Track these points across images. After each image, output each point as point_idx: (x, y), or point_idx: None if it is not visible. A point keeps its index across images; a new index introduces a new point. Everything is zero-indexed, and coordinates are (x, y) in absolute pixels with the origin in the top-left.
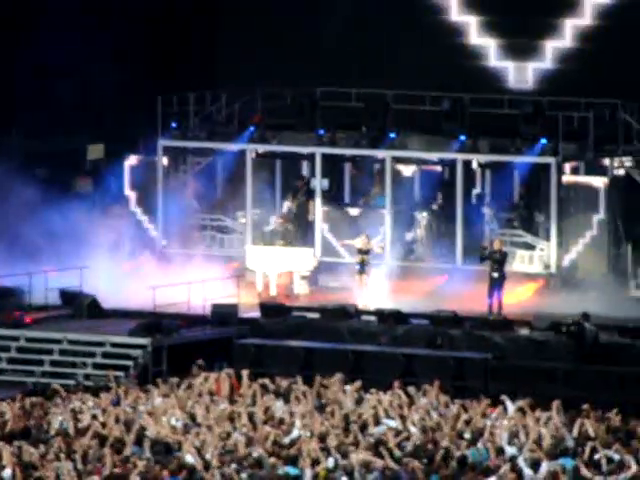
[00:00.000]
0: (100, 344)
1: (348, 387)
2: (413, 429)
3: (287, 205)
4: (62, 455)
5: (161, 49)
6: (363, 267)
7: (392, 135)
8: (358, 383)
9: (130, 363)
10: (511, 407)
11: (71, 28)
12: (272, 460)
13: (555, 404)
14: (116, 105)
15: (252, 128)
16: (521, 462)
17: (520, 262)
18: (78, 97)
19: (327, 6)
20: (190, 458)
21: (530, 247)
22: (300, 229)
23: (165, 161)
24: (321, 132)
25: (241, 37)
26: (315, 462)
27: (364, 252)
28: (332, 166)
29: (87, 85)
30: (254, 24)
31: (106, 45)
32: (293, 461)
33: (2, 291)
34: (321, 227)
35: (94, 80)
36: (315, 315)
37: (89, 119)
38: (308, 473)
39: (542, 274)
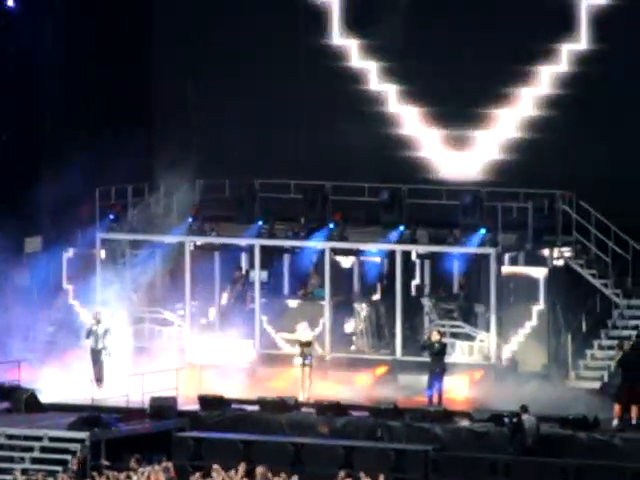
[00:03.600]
0: (38, 438)
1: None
2: None
3: (226, 296)
4: None
5: (99, 142)
6: (304, 359)
7: (331, 226)
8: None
9: (69, 457)
10: None
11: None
12: None
13: None
14: (53, 197)
15: (190, 219)
16: None
17: (460, 353)
18: (15, 190)
19: (265, 97)
20: None
21: (470, 338)
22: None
23: (103, 253)
24: (260, 224)
25: (178, 129)
26: None
27: (305, 344)
28: (271, 257)
29: (24, 179)
30: (192, 117)
31: (45, 139)
32: None
33: None
34: (260, 319)
35: (31, 173)
36: (254, 407)
37: (26, 212)
38: None
39: (482, 365)
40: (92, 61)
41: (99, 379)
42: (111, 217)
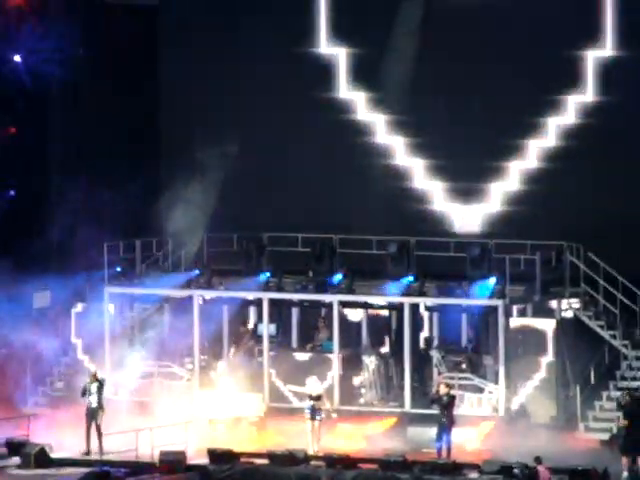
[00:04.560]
0: None
1: None
2: None
3: (234, 350)
4: None
5: (106, 197)
6: (314, 412)
7: (339, 279)
8: None
9: None
10: None
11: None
12: None
13: None
14: (62, 252)
15: (198, 273)
16: None
17: (469, 405)
18: (23, 244)
19: (271, 150)
20: None
21: (479, 390)
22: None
23: (112, 308)
24: (268, 277)
25: (186, 183)
26: None
27: (314, 397)
28: (279, 311)
29: (31, 232)
30: (198, 170)
31: (52, 190)
32: None
33: None
34: (269, 372)
35: (39, 227)
36: (264, 461)
37: (35, 266)
38: None
39: (491, 417)
40: (102, 108)
41: (98, 436)
42: (119, 271)
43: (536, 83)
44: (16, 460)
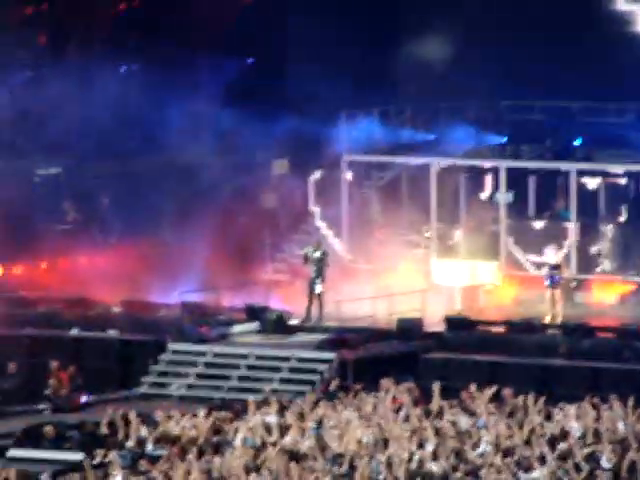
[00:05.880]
0: (286, 359)
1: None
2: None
3: (469, 219)
4: (251, 470)
5: (345, 65)
6: (552, 281)
7: (576, 148)
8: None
9: (316, 377)
10: None
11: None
12: (458, 475)
13: None
14: (302, 118)
15: (433, 138)
16: None
17: None
18: (262, 113)
19: (511, 21)
20: (377, 472)
21: None
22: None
23: (349, 176)
24: (505, 145)
25: (422, 51)
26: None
27: (553, 266)
28: (516, 179)
29: (273, 100)
30: (435, 40)
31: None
32: (477, 476)
33: (190, 307)
34: (506, 240)
35: (279, 96)
36: (500, 329)
37: (274, 135)
38: None
39: None
40: None
41: (319, 305)
42: (357, 138)
43: None
44: (255, 326)
